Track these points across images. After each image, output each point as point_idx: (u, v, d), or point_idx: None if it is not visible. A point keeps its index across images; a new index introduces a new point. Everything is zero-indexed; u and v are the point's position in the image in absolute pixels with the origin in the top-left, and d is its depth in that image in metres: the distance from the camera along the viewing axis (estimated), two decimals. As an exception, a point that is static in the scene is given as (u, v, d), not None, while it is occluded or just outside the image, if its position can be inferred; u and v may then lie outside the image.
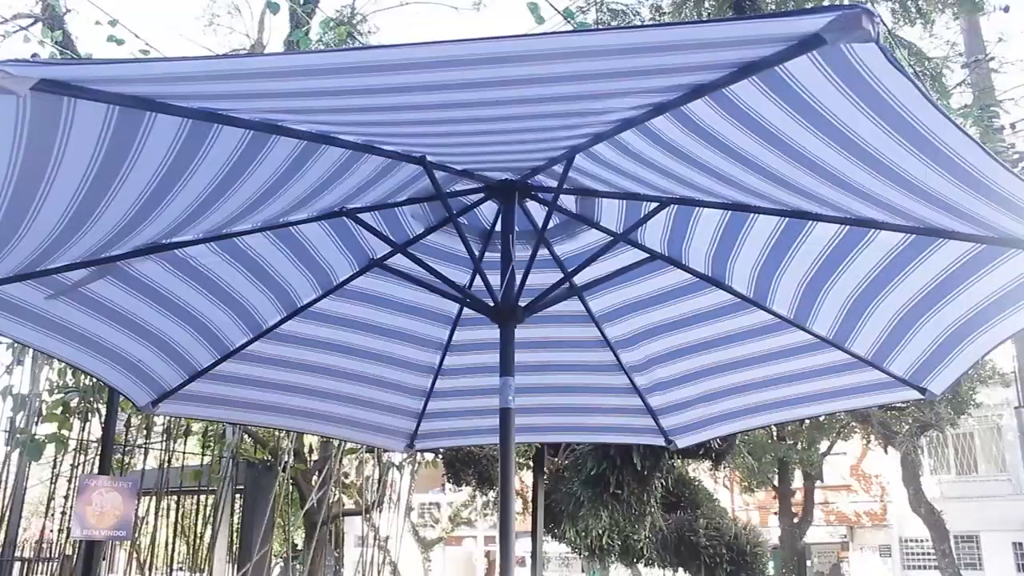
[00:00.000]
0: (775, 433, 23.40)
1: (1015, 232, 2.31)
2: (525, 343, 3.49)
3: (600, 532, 6.42)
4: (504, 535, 2.73)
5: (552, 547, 9.82)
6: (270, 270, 3.09)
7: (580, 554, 7.52)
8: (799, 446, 23.44)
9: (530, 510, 6.00)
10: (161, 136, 1.96)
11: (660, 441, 3.86)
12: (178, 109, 1.91)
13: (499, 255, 2.89)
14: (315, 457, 7.69)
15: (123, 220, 2.33)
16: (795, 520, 25.23)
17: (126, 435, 6.97)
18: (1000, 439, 27.00)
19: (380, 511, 6.45)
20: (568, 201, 3.04)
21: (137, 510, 5.65)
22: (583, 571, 33.20)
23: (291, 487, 7.21)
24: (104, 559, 5.46)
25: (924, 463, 26.77)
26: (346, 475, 8.40)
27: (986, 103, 11.05)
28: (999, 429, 26.58)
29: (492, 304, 2.82)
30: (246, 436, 7.02)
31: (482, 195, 2.98)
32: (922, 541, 26.77)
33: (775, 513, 26.09)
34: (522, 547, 5.68)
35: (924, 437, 23.99)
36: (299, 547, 8.41)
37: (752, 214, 2.70)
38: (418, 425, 4.06)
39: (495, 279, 2.86)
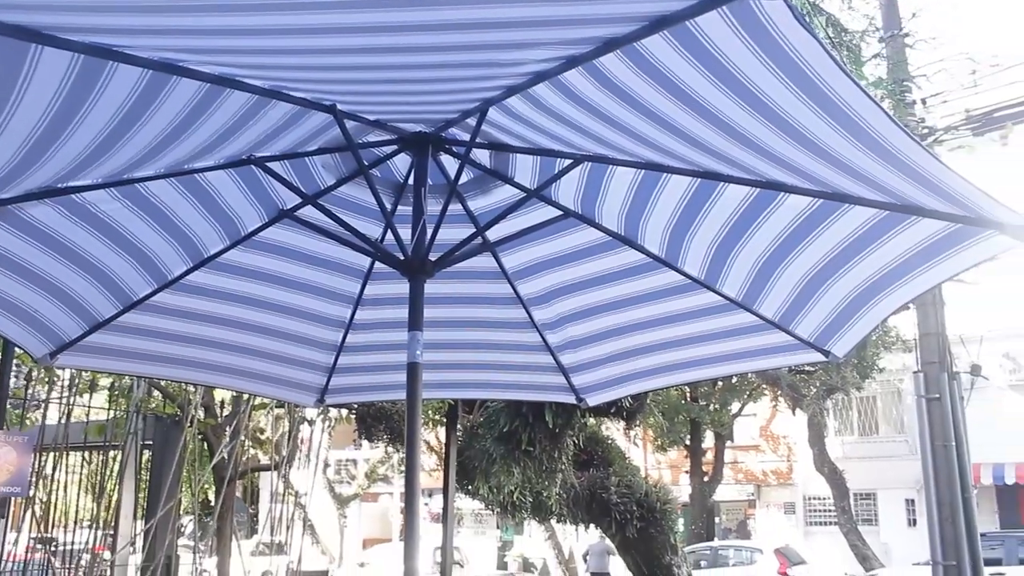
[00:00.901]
0: (688, 394, 23.93)
1: (916, 200, 2.35)
2: (437, 299, 3.47)
3: (512, 488, 6.47)
4: (410, 490, 2.72)
5: (468, 503, 9.89)
6: (175, 218, 2.98)
7: (493, 510, 7.58)
8: (711, 407, 24.06)
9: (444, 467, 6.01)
10: (49, 72, 1.85)
11: (571, 399, 3.88)
12: (66, 43, 1.81)
13: (412, 209, 2.85)
14: (227, 412, 7.57)
15: (10, 162, 2.21)
16: (705, 478, 25.95)
17: (27, 389, 6.75)
18: (900, 402, 28.09)
19: (294, 467, 6.39)
20: (483, 156, 3.01)
21: (35, 465, 5.47)
22: (498, 527, 33.64)
23: (201, 442, 7.09)
24: (2, 517, 5.29)
25: (829, 425, 27.74)
26: (261, 431, 8.30)
27: (900, 77, 11.29)
28: (899, 393, 27.64)
29: (402, 258, 2.78)
30: (154, 390, 6.86)
31: (395, 147, 2.92)
32: (824, 499, 27.78)
33: (686, 472, 26.78)
34: (438, 504, 5.70)
35: (830, 400, 24.84)
36: (211, 503, 8.30)
37: (665, 174, 2.70)
38: (329, 380, 4.01)
39: (408, 233, 2.82)
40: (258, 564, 5.62)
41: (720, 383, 23.88)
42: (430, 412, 7.40)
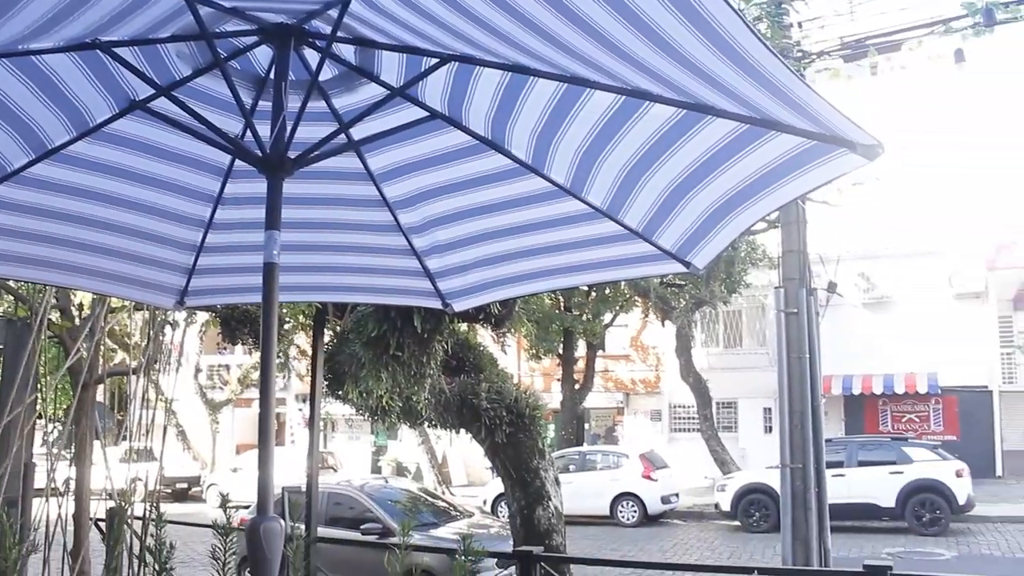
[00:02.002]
0: (562, 304, 24.40)
1: (776, 115, 2.39)
2: (300, 199, 3.38)
3: (382, 393, 6.48)
4: (264, 395, 2.68)
5: (339, 409, 9.90)
6: (11, 105, 2.78)
7: (364, 415, 7.60)
8: (584, 317, 24.61)
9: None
10: None
11: (437, 304, 3.87)
12: None
13: (272, 104, 2.74)
14: (85, 314, 7.26)
15: None
16: (576, 386, 26.70)
17: None
18: (763, 317, 29.38)
19: (163, 372, 6.21)
20: (348, 52, 2.90)
21: None
22: (371, 433, 33.90)
23: (56, 346, 6.80)
24: None
25: (696, 336, 28.82)
26: (128, 335, 8.01)
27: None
28: (763, 308, 28.88)
29: (260, 155, 2.68)
30: (3, 291, 6.51)
31: (255, 38, 2.78)
32: (688, 407, 29.04)
33: (558, 379, 27.48)
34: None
35: (698, 312, 25.80)
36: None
37: (532, 78, 2.67)
38: (188, 281, 3.87)
39: (269, 130, 2.71)
40: (128, 471, 5.51)
41: (593, 294, 24.42)
42: (300, 316, 7.29)
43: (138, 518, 5.60)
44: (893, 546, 16.49)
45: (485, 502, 21.73)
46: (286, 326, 8.59)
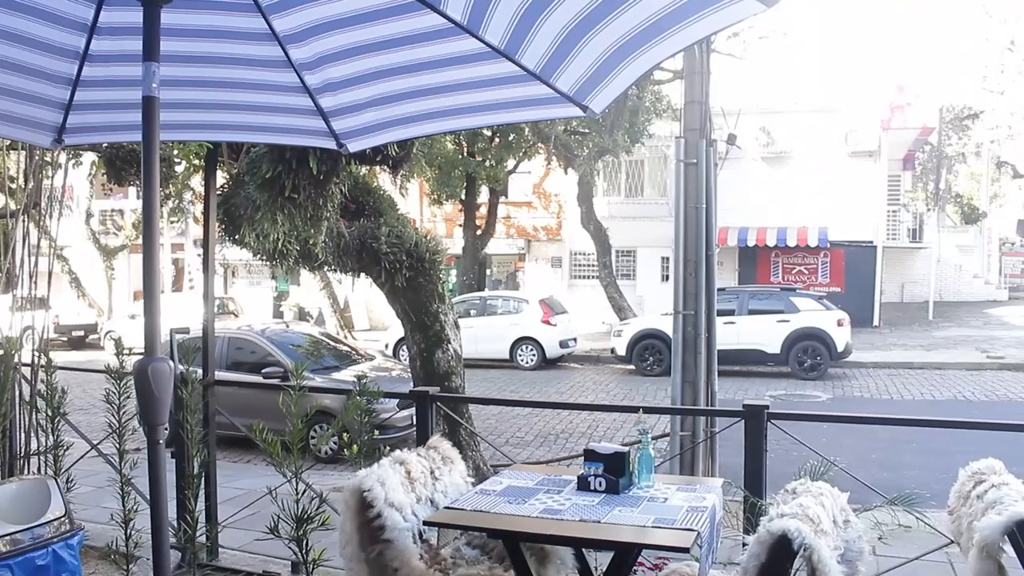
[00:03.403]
0: (465, 149, 24.14)
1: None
2: (183, 31, 3.17)
3: (278, 236, 6.36)
4: (147, 237, 2.59)
5: (237, 253, 9.74)
6: None
7: (261, 259, 7.47)
8: (487, 163, 24.44)
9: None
10: None
11: (332, 144, 3.76)
12: None
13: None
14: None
15: None
16: (478, 232, 26.80)
17: None
18: (665, 167, 29.71)
19: (50, 216, 5.94)
20: None
21: None
22: (272, 278, 33.60)
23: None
24: None
25: (598, 185, 29.04)
26: (10, 178, 7.59)
27: None
28: (665, 158, 29.18)
29: (134, -23, 2.50)
30: None
31: None
32: (589, 254, 29.55)
33: (460, 225, 27.50)
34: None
35: (601, 161, 25.89)
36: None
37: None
38: (65, 117, 3.64)
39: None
40: (17, 320, 5.32)
41: (496, 139, 24.20)
42: (192, 158, 7.00)
43: (26, 365, 5.48)
44: (776, 389, 17.45)
45: (387, 346, 22.00)
46: (178, 168, 8.26)
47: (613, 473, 3.41)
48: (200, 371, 5.40)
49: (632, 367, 20.54)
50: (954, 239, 36.98)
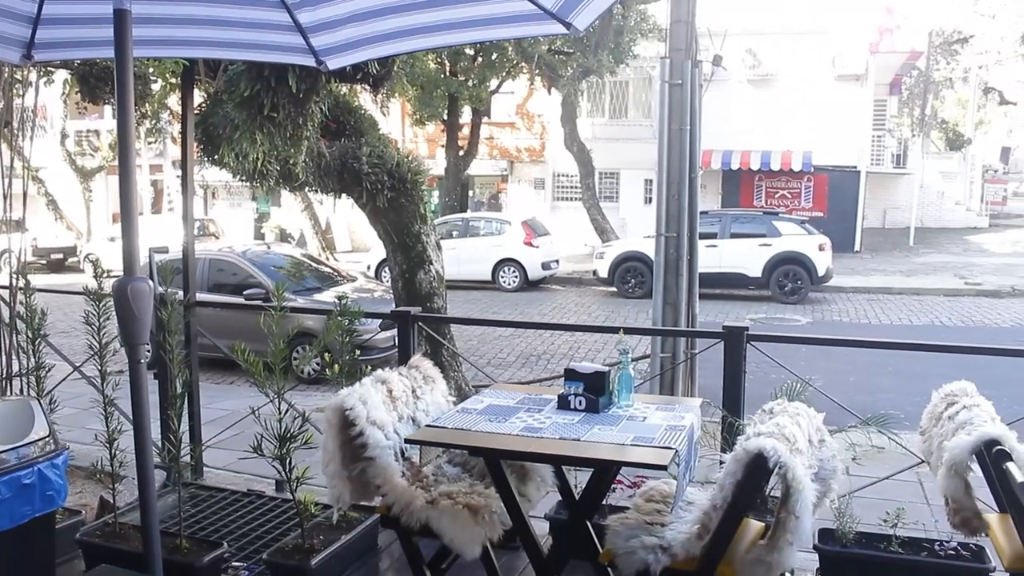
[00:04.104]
0: (447, 68, 23.77)
1: None
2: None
3: (257, 156, 6.28)
4: (123, 158, 2.54)
5: (217, 175, 9.59)
6: None
7: (241, 179, 7.38)
8: (469, 83, 24.10)
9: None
10: None
11: (311, 61, 3.68)
12: None
13: None
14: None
15: None
16: (461, 153, 26.57)
17: None
18: (650, 88, 29.40)
19: (22, 136, 5.81)
20: None
21: None
22: (253, 199, 33.34)
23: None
24: None
25: (582, 106, 28.75)
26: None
27: None
28: (650, 79, 28.86)
29: None
30: None
31: None
32: (572, 176, 29.41)
33: (443, 146, 27.24)
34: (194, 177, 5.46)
35: (585, 81, 25.57)
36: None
37: None
38: (34, 32, 3.53)
39: None
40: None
41: (479, 59, 23.84)
42: (167, 75, 6.85)
43: (4, 287, 5.43)
44: (756, 313, 17.61)
45: (369, 268, 21.98)
46: (154, 86, 8.08)
47: (593, 392, 3.45)
48: (180, 292, 5.38)
49: (614, 289, 20.63)
50: (938, 165, 36.98)
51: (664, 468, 2.90)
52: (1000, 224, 35.80)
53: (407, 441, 3.40)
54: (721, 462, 2.97)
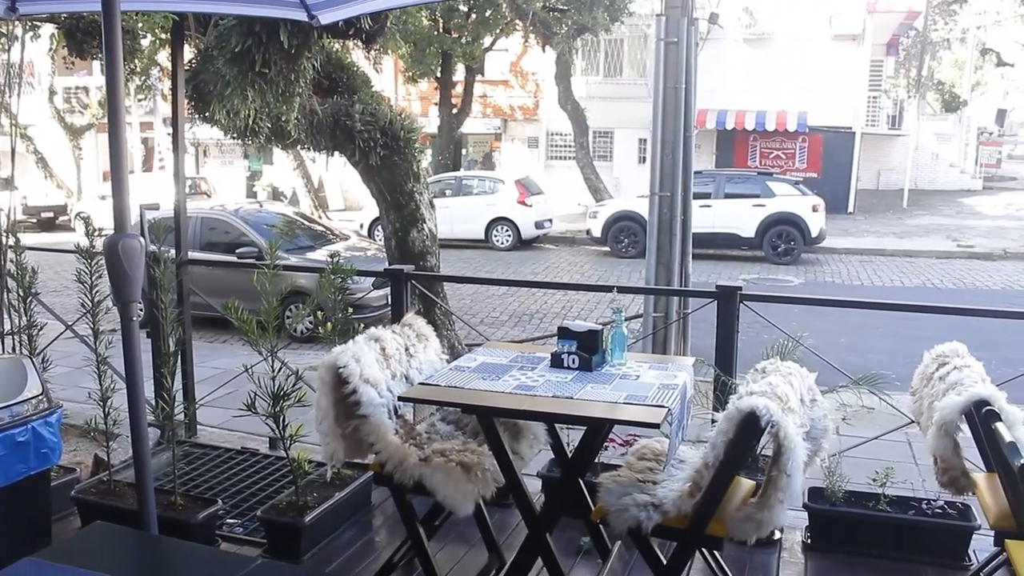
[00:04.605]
0: (440, 25, 23.51)
1: None
2: None
3: (249, 113, 6.22)
4: (112, 109, 2.52)
5: (209, 132, 9.50)
6: None
7: (233, 137, 7.32)
8: (463, 40, 23.85)
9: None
10: None
11: (303, 16, 3.64)
12: None
13: None
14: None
15: None
16: (454, 111, 26.37)
17: None
18: (645, 47, 29.16)
19: (10, 93, 5.74)
20: None
21: None
22: (245, 157, 33.12)
23: None
24: None
25: (576, 64, 28.51)
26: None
27: None
28: (645, 37, 28.61)
29: None
30: None
31: None
32: (565, 135, 29.27)
33: (436, 104, 27.02)
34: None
35: (579, 39, 25.33)
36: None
37: None
38: (21, -17, 3.51)
39: None
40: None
41: (473, 15, 23.57)
42: (157, 30, 6.75)
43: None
44: (749, 273, 17.63)
45: (362, 226, 21.90)
46: (143, 42, 7.98)
47: (586, 351, 3.45)
48: (172, 251, 5.36)
49: (607, 249, 20.62)
50: (933, 127, 36.83)
51: (656, 426, 2.92)
52: (994, 187, 35.76)
53: (400, 399, 3.41)
54: (713, 421, 2.99)
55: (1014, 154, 51.26)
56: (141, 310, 3.07)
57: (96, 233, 4.34)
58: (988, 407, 3.03)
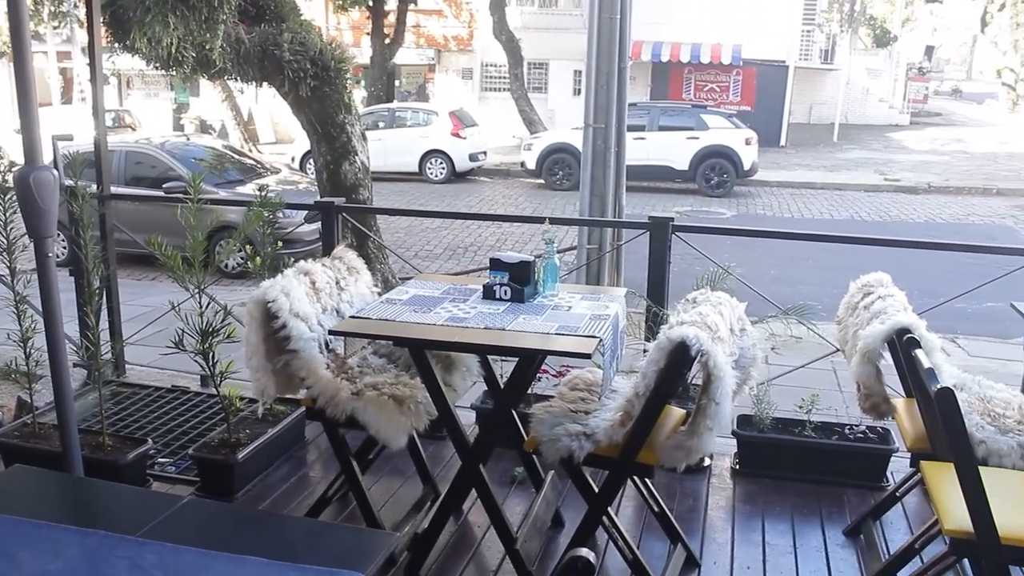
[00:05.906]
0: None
1: None
2: None
3: (171, 41, 5.99)
4: (16, 34, 2.39)
5: (130, 62, 9.10)
6: None
7: (155, 66, 7.05)
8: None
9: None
10: None
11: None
12: None
13: None
14: None
15: None
16: (386, 41, 25.81)
17: None
18: (581, -24, 28.79)
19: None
20: None
21: None
22: (170, 89, 32.10)
23: None
24: None
25: (512, -7, 28.08)
26: None
27: None
28: (581, -34, 28.22)
29: None
30: None
31: None
32: (500, 66, 28.95)
33: (368, 34, 26.41)
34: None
35: (515, -32, 24.93)
36: None
37: None
38: None
39: None
40: None
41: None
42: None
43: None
44: (682, 205, 17.79)
45: (293, 159, 21.49)
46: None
47: (518, 282, 3.43)
48: (93, 185, 5.18)
49: (542, 181, 20.58)
50: (864, 62, 37.23)
51: (588, 357, 2.93)
52: (920, 122, 36.46)
53: (331, 333, 3.37)
54: (645, 351, 3.01)
55: (940, 90, 52.18)
56: (64, 248, 2.96)
57: (9, 168, 4.17)
58: (909, 335, 3.10)
